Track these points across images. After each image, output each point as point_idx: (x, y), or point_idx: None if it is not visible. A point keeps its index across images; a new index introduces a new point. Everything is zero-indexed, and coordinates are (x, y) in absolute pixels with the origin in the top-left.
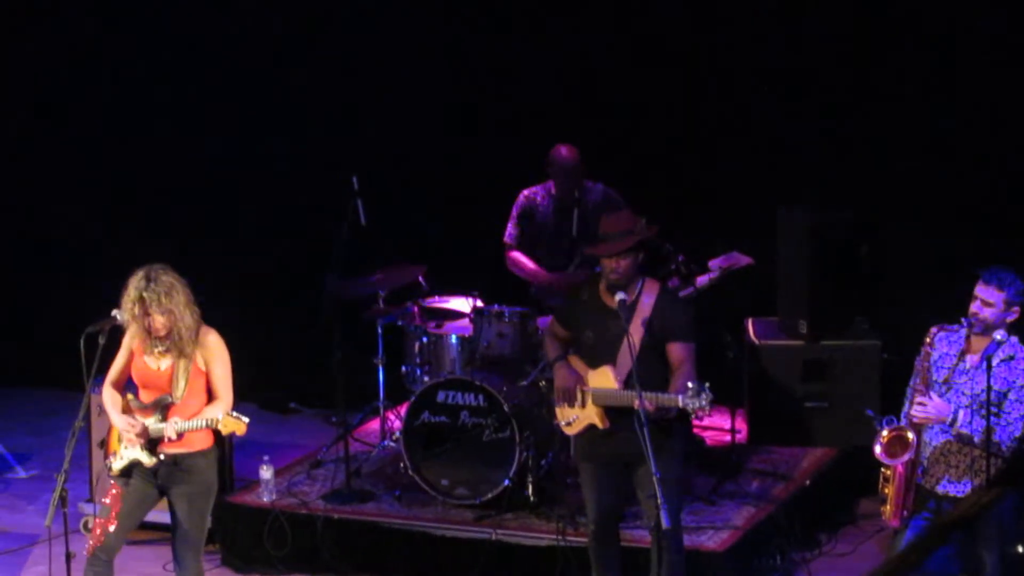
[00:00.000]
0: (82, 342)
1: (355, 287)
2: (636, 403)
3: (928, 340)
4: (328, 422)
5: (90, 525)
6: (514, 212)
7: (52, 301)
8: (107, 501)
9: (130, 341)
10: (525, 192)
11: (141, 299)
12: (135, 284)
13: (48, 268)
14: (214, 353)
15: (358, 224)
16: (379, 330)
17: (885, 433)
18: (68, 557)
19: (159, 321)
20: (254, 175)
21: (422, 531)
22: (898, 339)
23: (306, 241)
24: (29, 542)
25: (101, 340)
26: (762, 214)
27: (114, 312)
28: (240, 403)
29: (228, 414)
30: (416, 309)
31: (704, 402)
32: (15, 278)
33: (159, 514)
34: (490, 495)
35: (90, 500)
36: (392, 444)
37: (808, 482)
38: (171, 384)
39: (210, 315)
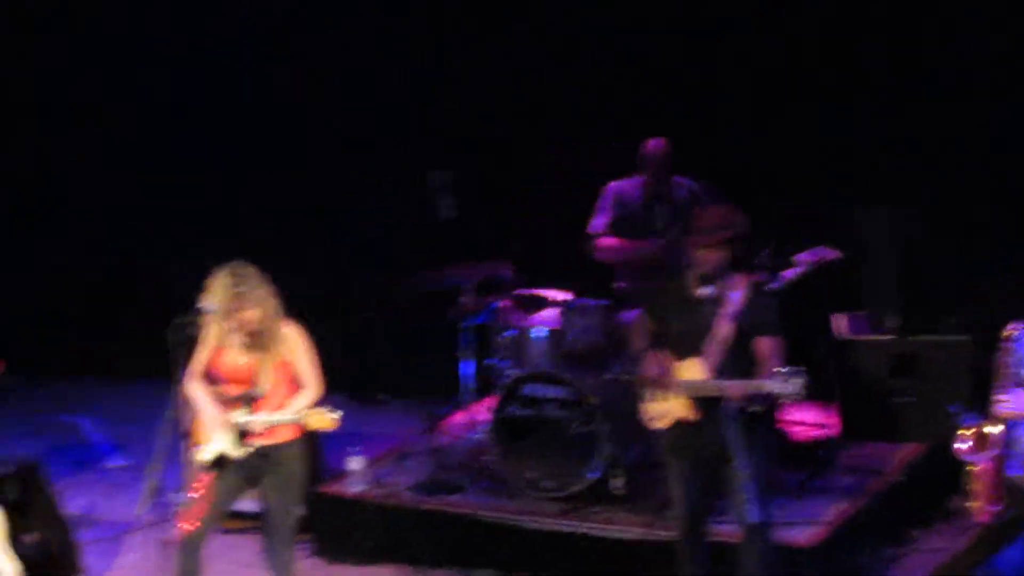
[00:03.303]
0: (171, 333)
1: (443, 279)
2: (725, 393)
3: (1007, 336)
4: (417, 413)
5: (181, 514)
6: (601, 204)
7: (141, 292)
8: (196, 492)
9: (214, 334)
10: (613, 184)
11: (235, 295)
12: (224, 281)
13: (137, 258)
14: (296, 345)
15: (446, 217)
16: (466, 323)
17: (968, 430)
18: (161, 545)
19: (252, 315)
20: (345, 164)
21: (509, 523)
22: (988, 335)
23: (396, 232)
24: (123, 530)
25: (190, 331)
26: (846, 209)
27: (202, 303)
28: (330, 393)
29: (317, 409)
30: (503, 304)
31: (796, 388)
32: (106, 269)
33: (250, 502)
34: (576, 488)
35: (181, 490)
36: (480, 436)
37: (900, 477)
38: (255, 377)
39: (300, 308)
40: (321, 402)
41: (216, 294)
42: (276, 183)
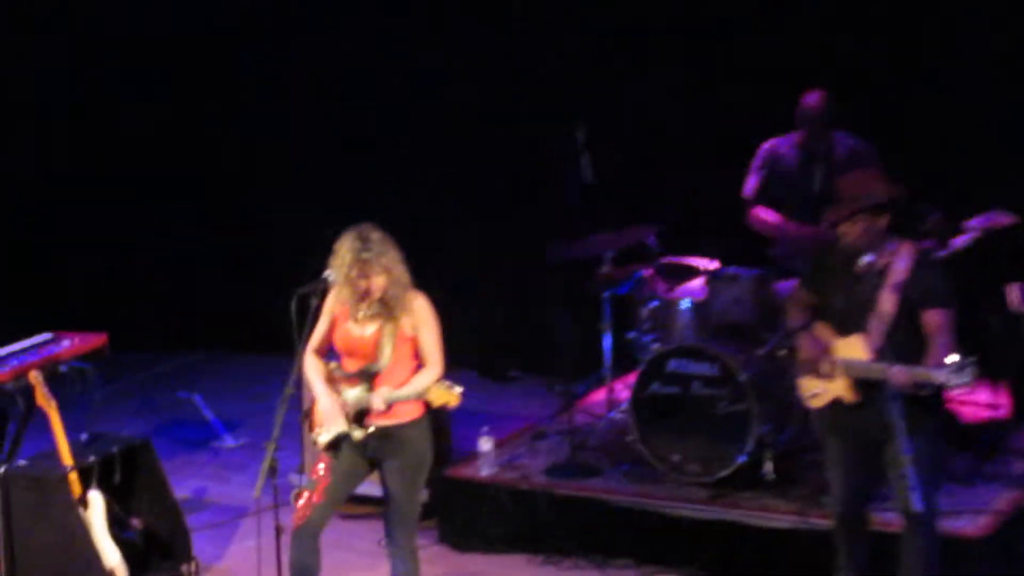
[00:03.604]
0: (293, 304)
1: (580, 248)
2: (888, 378)
3: None
4: (551, 391)
5: (298, 499)
6: (755, 164)
7: (260, 264)
8: (315, 474)
9: (333, 306)
10: (768, 143)
11: (359, 260)
12: (349, 246)
13: (260, 228)
14: (422, 318)
15: (584, 181)
16: (605, 294)
17: None
18: (278, 531)
19: (377, 283)
20: (472, 129)
21: (650, 510)
22: None
23: (527, 199)
24: (237, 514)
25: (313, 302)
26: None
27: (326, 272)
28: (458, 370)
29: (438, 384)
30: (646, 273)
31: (967, 379)
32: (228, 240)
33: (372, 486)
34: (724, 472)
35: (301, 471)
36: (619, 416)
37: None
38: (376, 351)
39: (426, 279)
40: (445, 378)
41: (340, 260)
42: (407, 149)
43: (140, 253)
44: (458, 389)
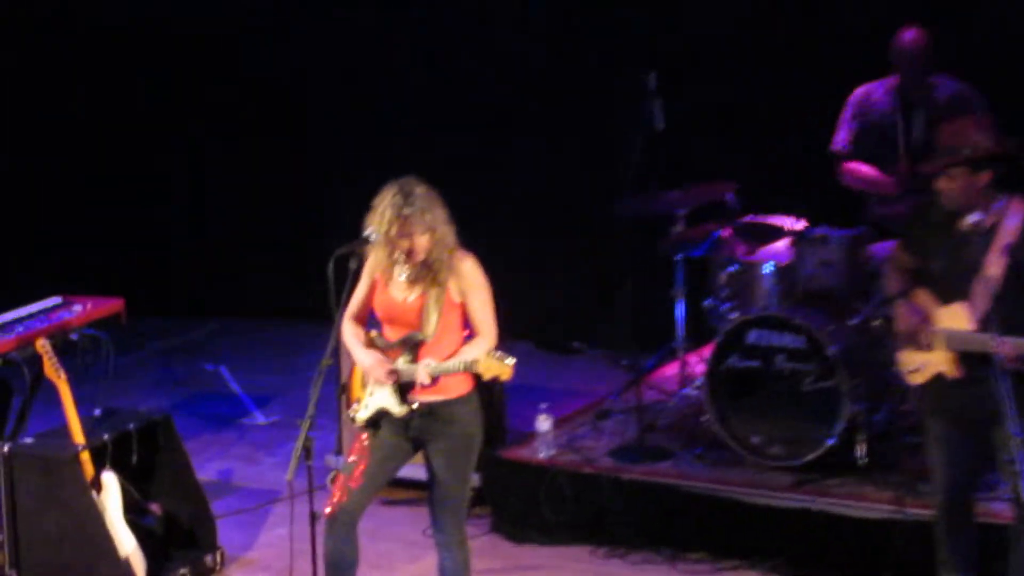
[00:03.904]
0: (330, 266)
1: (650, 206)
2: (994, 350)
3: None
4: (617, 365)
5: (335, 483)
6: (846, 113)
7: (296, 222)
8: (352, 455)
9: (373, 268)
10: (860, 89)
11: (400, 217)
12: (390, 201)
13: (297, 184)
14: (471, 282)
15: (654, 130)
16: (678, 257)
17: None
18: (312, 518)
19: (420, 242)
20: (529, 76)
21: (729, 497)
22: None
23: (590, 152)
24: (268, 499)
25: (352, 264)
26: None
27: (367, 231)
28: (514, 342)
29: (489, 354)
30: (724, 233)
31: None
32: (262, 197)
33: (416, 469)
34: (811, 456)
35: (338, 451)
36: (693, 393)
37: None
38: (421, 319)
39: (476, 239)
40: (497, 349)
41: (379, 217)
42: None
43: (162, 209)
44: (511, 360)
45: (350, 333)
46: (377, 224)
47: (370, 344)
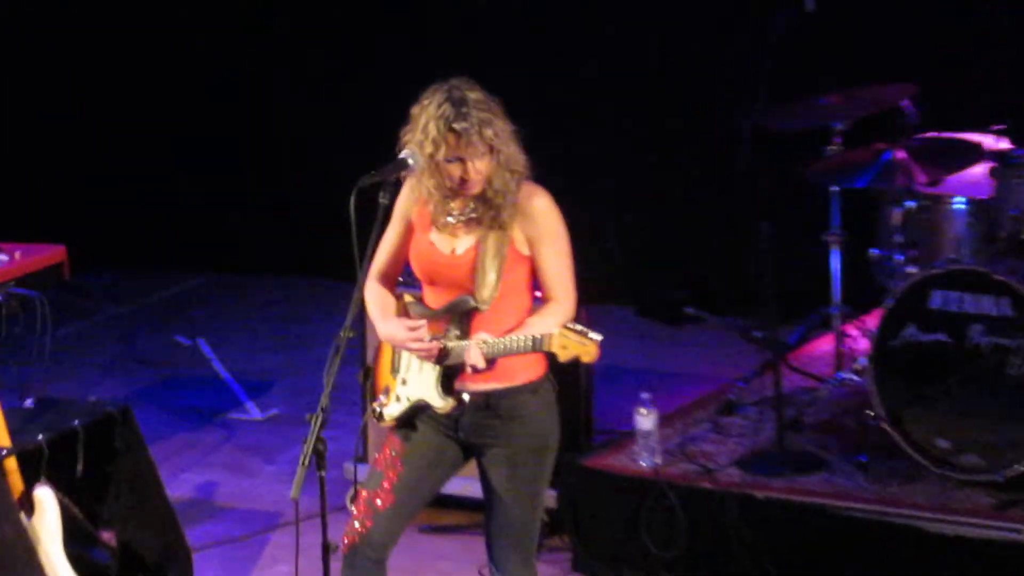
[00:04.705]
0: (351, 202)
1: (794, 118)
2: None
3: None
4: (746, 339)
5: (356, 502)
6: None
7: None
8: (380, 465)
9: (408, 207)
10: None
11: (451, 132)
12: (436, 108)
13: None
14: (545, 227)
15: (803, 10)
16: (833, 189)
17: None
18: (326, 551)
19: (478, 168)
20: None
21: (905, 524)
22: None
23: (704, 49)
24: (266, 525)
25: (383, 199)
26: None
27: (403, 153)
28: (604, 307)
29: (567, 327)
30: (896, 156)
31: None
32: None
33: (467, 482)
34: (1020, 468)
35: (360, 459)
36: (853, 378)
37: None
38: (474, 277)
39: (556, 175)
40: (577, 320)
41: (422, 132)
42: None
43: (115, 138)
44: (596, 336)
45: (374, 297)
46: (417, 143)
47: (403, 313)
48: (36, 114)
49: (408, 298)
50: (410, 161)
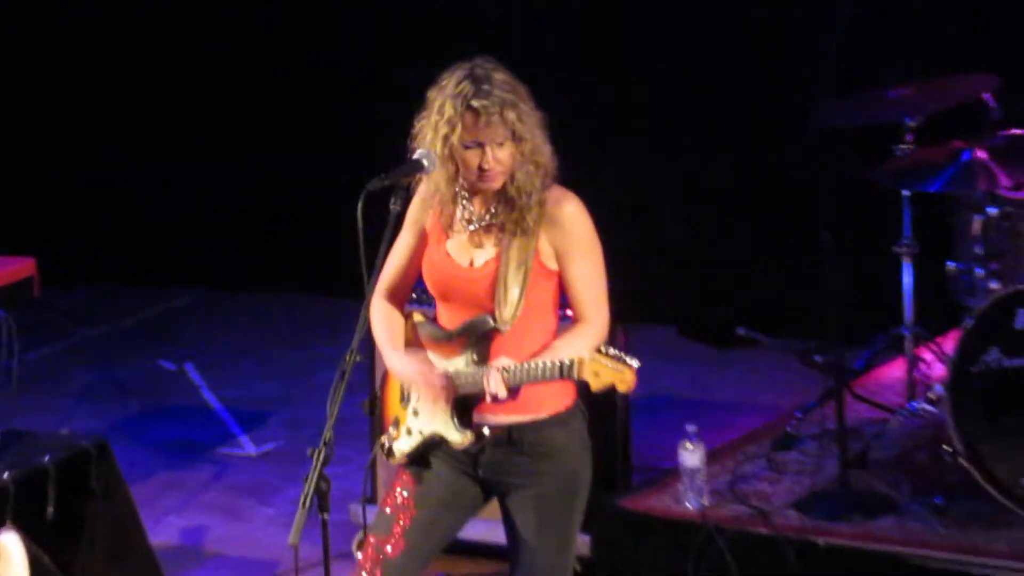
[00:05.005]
0: (359, 207)
1: (861, 113)
2: None
3: None
4: (807, 363)
5: (364, 549)
6: None
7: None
8: (389, 506)
9: (421, 213)
10: None
11: (470, 112)
12: (455, 85)
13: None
14: (574, 236)
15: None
16: (905, 194)
17: None
18: None
19: (500, 156)
20: None
21: (988, 575)
22: None
23: (758, 40)
24: (261, 574)
25: (394, 205)
26: None
27: (417, 154)
28: (644, 328)
29: (600, 351)
30: (977, 155)
31: None
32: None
33: (489, 527)
34: None
35: (368, 500)
36: (927, 408)
37: None
38: (494, 293)
39: (594, 183)
40: (611, 343)
41: (437, 116)
42: None
43: (90, 139)
44: (634, 362)
45: (382, 318)
46: (432, 132)
47: (412, 333)
48: (3, 115)
49: (418, 317)
50: (424, 163)
